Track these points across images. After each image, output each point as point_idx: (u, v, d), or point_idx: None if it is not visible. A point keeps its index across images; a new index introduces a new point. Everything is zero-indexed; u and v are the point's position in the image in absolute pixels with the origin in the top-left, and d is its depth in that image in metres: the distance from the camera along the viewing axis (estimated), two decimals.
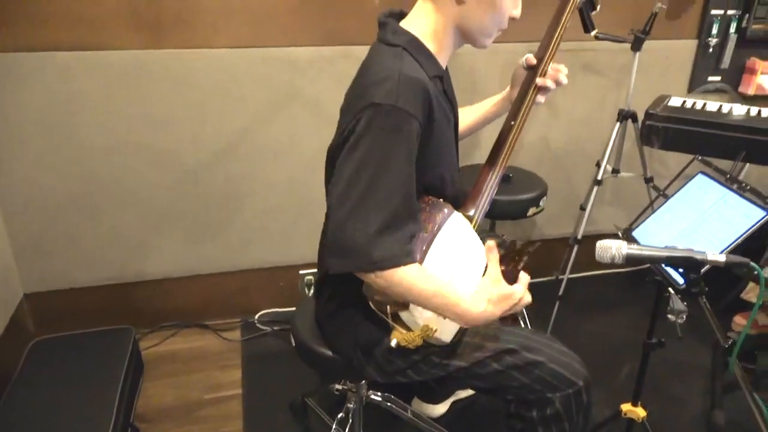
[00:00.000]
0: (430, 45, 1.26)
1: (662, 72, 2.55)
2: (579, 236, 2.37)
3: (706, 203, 1.52)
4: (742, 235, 1.34)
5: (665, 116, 1.94)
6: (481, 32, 1.27)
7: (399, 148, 1.14)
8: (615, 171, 2.38)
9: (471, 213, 1.35)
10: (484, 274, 1.24)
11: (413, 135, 1.15)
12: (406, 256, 1.15)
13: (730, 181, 1.65)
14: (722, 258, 1.12)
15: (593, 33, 1.65)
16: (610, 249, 1.16)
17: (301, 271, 2.54)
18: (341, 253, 1.15)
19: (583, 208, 2.45)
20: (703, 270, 1.14)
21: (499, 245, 1.26)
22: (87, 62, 2.01)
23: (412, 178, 1.17)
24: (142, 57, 2.05)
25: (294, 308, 2.53)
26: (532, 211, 2.20)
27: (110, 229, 2.26)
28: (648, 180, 2.38)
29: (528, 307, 2.40)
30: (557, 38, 1.43)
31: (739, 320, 2.44)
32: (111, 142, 2.13)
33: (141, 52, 2.05)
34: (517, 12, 1.28)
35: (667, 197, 1.67)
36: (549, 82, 1.42)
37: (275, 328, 2.52)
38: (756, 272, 1.10)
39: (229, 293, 2.51)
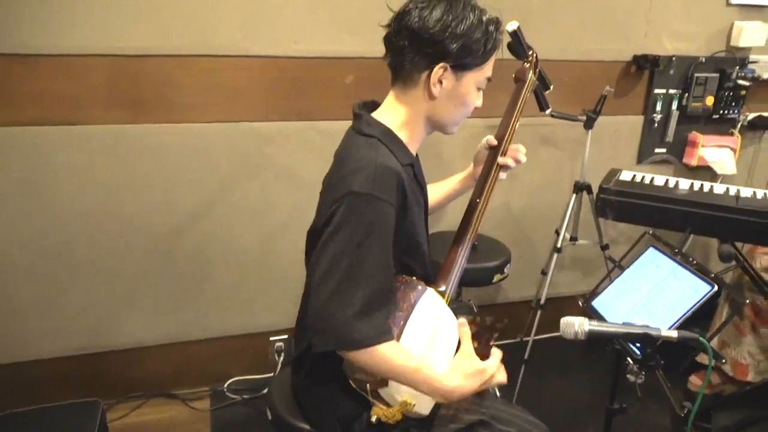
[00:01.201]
0: (402, 135, 1.36)
1: (613, 144, 2.74)
2: (542, 300, 2.48)
3: (658, 276, 1.64)
4: (691, 308, 1.46)
5: (617, 190, 2.09)
6: (451, 123, 1.39)
7: (376, 233, 1.22)
8: (573, 239, 2.51)
9: (443, 288, 1.43)
10: (457, 350, 1.31)
11: (389, 221, 1.24)
12: (386, 334, 1.22)
13: (678, 255, 1.78)
14: (674, 334, 1.22)
15: (548, 111, 1.79)
16: (573, 326, 1.25)
17: (271, 338, 2.56)
18: (324, 332, 1.21)
19: (544, 273, 2.56)
20: (657, 344, 1.24)
21: (471, 322, 1.34)
22: (66, 136, 2.07)
23: (390, 261, 1.25)
24: (121, 131, 2.12)
25: (265, 375, 2.56)
26: (497, 277, 2.30)
27: (80, 299, 2.26)
28: (603, 247, 2.52)
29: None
30: (515, 119, 1.55)
31: (695, 380, 2.56)
32: (85, 212, 2.16)
33: (120, 127, 2.11)
34: (479, 102, 1.40)
35: (622, 268, 1.79)
36: (509, 161, 1.54)
37: (245, 396, 2.51)
38: (705, 347, 1.21)
39: (199, 361, 2.51)
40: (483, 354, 1.31)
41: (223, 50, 2.13)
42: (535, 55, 1.67)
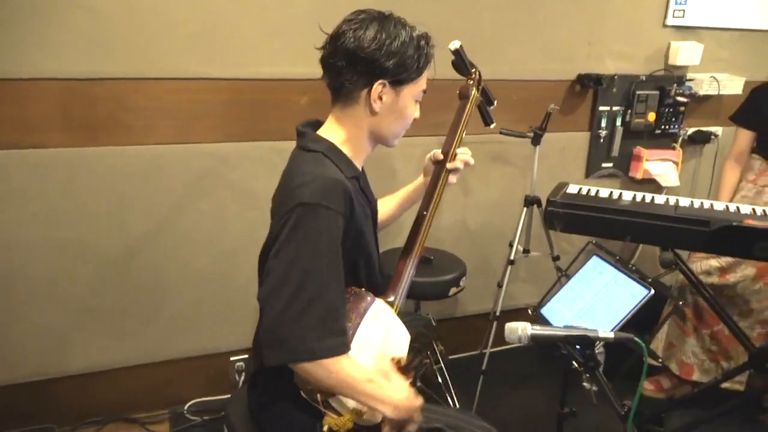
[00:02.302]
0: (346, 150, 1.41)
1: (562, 160, 2.84)
2: (497, 312, 2.54)
3: (601, 283, 1.71)
4: (631, 311, 1.53)
5: (564, 203, 2.17)
6: (393, 135, 1.45)
7: (327, 243, 1.26)
8: (526, 251, 2.59)
9: (391, 299, 1.47)
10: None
11: (338, 229, 1.28)
12: (342, 346, 1.25)
13: (619, 262, 1.86)
14: (611, 335, 1.28)
15: (492, 126, 1.86)
16: (517, 330, 1.30)
17: (231, 358, 2.55)
18: (278, 346, 1.24)
19: (500, 286, 2.63)
20: (597, 346, 1.30)
21: (393, 361, 1.37)
22: (16, 161, 2.05)
23: (341, 269, 1.29)
24: (74, 154, 2.12)
25: (225, 396, 2.55)
26: (453, 290, 2.36)
27: (30, 325, 2.22)
28: (555, 258, 2.60)
29: (454, 382, 2.51)
30: (460, 132, 1.61)
31: (647, 385, 2.65)
32: (36, 238, 2.14)
33: (73, 150, 2.11)
34: (417, 114, 1.46)
35: (569, 277, 1.86)
36: (458, 164, 1.59)
37: (205, 417, 2.49)
38: (641, 346, 1.27)
39: (157, 384, 2.48)
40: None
41: (178, 73, 2.16)
42: (478, 72, 1.74)
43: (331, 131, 1.42)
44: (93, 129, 2.11)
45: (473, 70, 1.75)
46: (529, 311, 1.86)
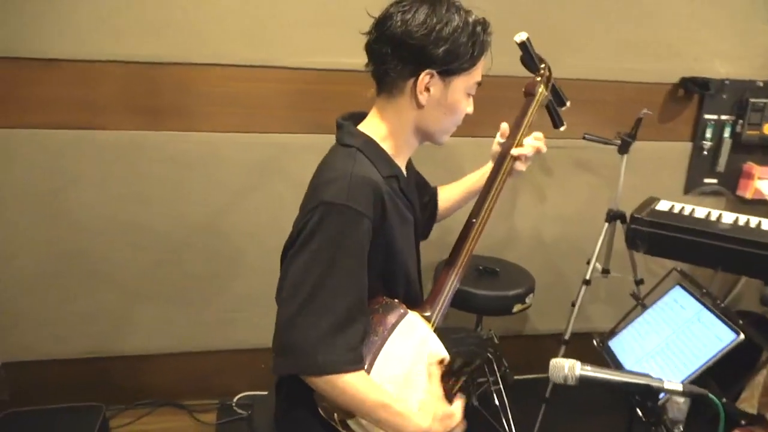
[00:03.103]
0: (387, 146, 1.28)
1: (655, 172, 2.54)
2: (567, 335, 2.30)
3: (681, 318, 1.47)
4: (712, 358, 1.29)
5: (649, 221, 1.92)
6: (441, 131, 1.30)
7: (349, 247, 1.13)
8: (605, 271, 2.33)
9: (428, 314, 1.31)
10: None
11: (364, 234, 1.14)
12: (352, 363, 1.12)
13: (706, 296, 1.60)
14: (679, 388, 1.06)
15: (562, 129, 1.66)
16: (563, 369, 1.11)
17: None
18: (286, 353, 1.14)
19: (573, 305, 2.39)
20: (661, 399, 1.08)
21: (439, 362, 1.22)
22: (82, 141, 2.08)
23: (363, 278, 1.16)
24: (138, 138, 2.12)
25: None
26: (518, 307, 2.16)
27: (90, 304, 2.26)
28: (638, 282, 2.33)
29: (514, 406, 2.30)
30: (522, 133, 1.45)
31: None
32: (99, 220, 2.17)
33: (137, 133, 2.11)
34: (470, 109, 1.31)
35: (645, 307, 1.62)
36: (527, 149, 1.42)
37: (250, 412, 2.45)
38: (716, 405, 1.04)
39: (207, 373, 2.46)
40: (448, 398, 1.21)
41: (241, 60, 2.10)
42: (548, 68, 1.56)
43: (373, 125, 1.29)
44: (156, 113, 2.11)
45: (542, 65, 1.58)
46: (594, 342, 1.63)
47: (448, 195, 1.61)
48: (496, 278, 2.22)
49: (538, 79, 1.56)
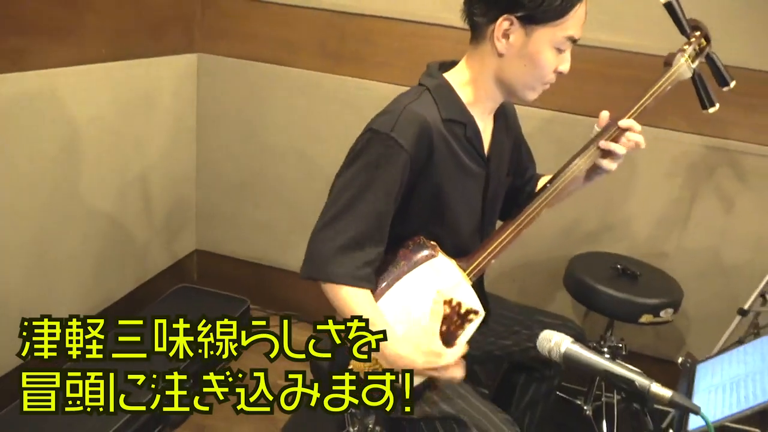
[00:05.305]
0: (465, 93, 1.28)
1: None
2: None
3: None
4: (757, 405, 1.04)
5: None
6: (523, 85, 1.25)
7: (383, 175, 1.19)
8: None
9: (463, 265, 1.30)
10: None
11: (400, 166, 1.19)
12: (358, 279, 1.20)
13: None
14: (667, 394, 0.91)
15: (711, 110, 1.44)
16: (550, 341, 1.03)
17: None
18: (308, 260, 1.25)
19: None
20: (650, 404, 0.93)
21: (447, 302, 1.20)
22: (278, 75, 2.43)
23: (389, 207, 1.21)
24: (320, 79, 2.39)
25: None
26: (646, 318, 1.93)
27: (266, 216, 2.63)
28: None
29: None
30: (641, 104, 1.34)
31: None
32: (279, 146, 2.51)
33: (319, 75, 2.38)
34: (564, 67, 1.23)
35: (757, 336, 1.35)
36: (617, 147, 1.31)
37: None
38: (706, 422, 0.87)
39: None
40: (447, 341, 1.18)
41: (419, 17, 2.22)
42: (703, 37, 1.38)
43: (458, 71, 1.31)
44: (338, 58, 2.35)
45: (697, 33, 1.40)
46: (680, 360, 1.41)
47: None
48: (632, 281, 2.00)
49: (685, 47, 1.39)
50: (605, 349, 2.11)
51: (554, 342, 1.02)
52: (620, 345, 2.13)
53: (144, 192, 2.37)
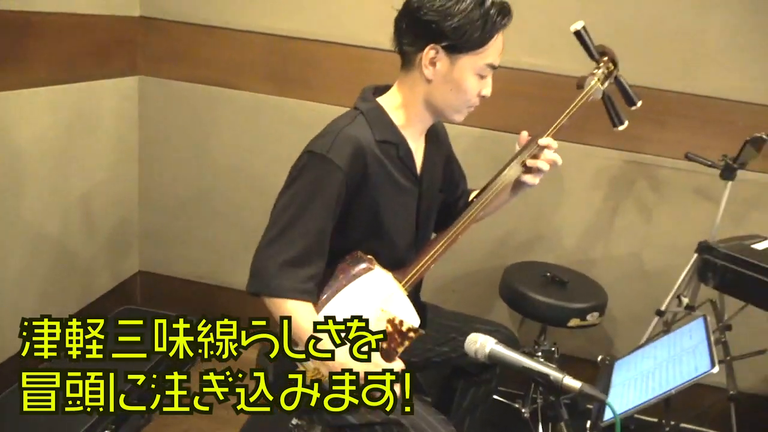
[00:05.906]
0: (398, 116, 1.38)
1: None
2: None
3: (682, 347, 1.33)
4: (677, 386, 1.17)
5: (726, 254, 1.71)
6: (450, 108, 1.36)
7: (321, 194, 1.28)
8: (690, 307, 2.07)
9: (400, 276, 1.39)
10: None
11: (336, 184, 1.27)
12: (300, 293, 1.27)
13: (719, 331, 1.40)
14: (577, 386, 1.02)
15: (621, 128, 1.58)
16: (476, 343, 1.13)
17: None
18: (253, 275, 1.32)
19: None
20: (565, 396, 1.04)
21: (389, 321, 1.28)
22: (223, 97, 2.48)
23: (328, 224, 1.29)
24: (266, 100, 2.45)
25: None
26: (574, 322, 2.07)
27: (211, 235, 2.66)
28: (724, 328, 2.02)
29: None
30: (556, 125, 1.45)
31: None
32: (226, 166, 2.55)
33: (265, 96, 2.45)
34: (486, 91, 1.34)
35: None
36: (541, 163, 1.41)
37: None
38: (613, 412, 0.98)
39: None
40: (386, 356, 1.27)
41: (359, 41, 2.32)
42: (610, 63, 1.52)
43: (390, 95, 1.41)
44: (283, 81, 2.42)
45: (604, 58, 1.53)
46: (599, 358, 1.54)
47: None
48: (561, 288, 2.14)
49: (595, 71, 1.52)
50: (539, 354, 2.23)
51: (479, 343, 1.12)
52: (553, 349, 2.26)
53: (86, 213, 2.38)
